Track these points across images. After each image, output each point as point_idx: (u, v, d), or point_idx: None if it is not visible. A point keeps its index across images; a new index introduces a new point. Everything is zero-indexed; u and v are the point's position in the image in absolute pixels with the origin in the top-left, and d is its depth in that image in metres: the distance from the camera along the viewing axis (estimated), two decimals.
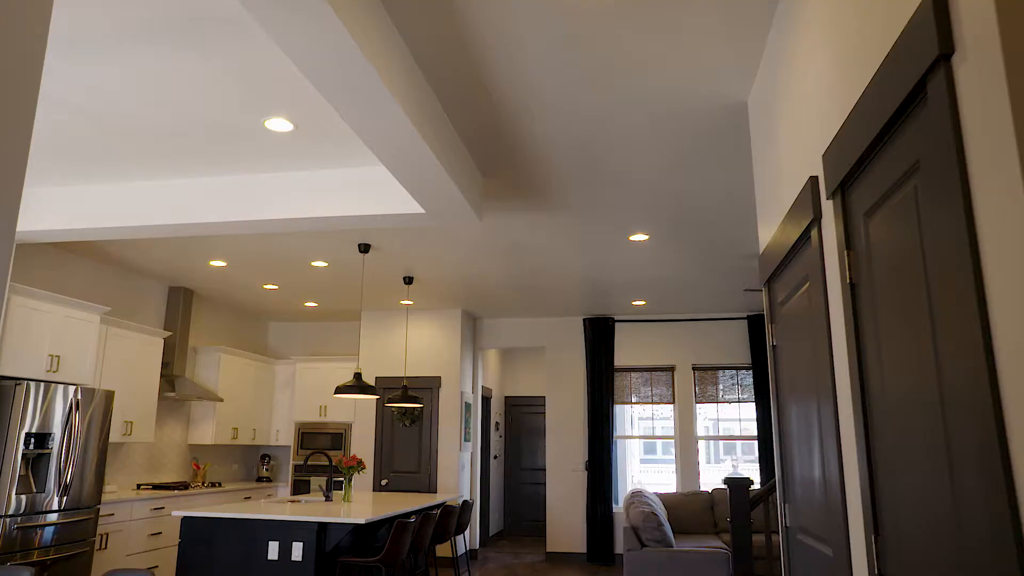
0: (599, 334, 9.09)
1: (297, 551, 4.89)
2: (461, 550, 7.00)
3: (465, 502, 6.86)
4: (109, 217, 4.79)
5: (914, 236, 1.53)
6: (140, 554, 6.32)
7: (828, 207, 2.16)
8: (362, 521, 4.81)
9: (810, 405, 2.45)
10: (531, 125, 3.85)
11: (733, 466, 11.76)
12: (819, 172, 2.25)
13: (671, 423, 9.14)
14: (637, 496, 6.62)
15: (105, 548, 5.94)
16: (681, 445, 8.87)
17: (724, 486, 9.34)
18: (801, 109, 2.46)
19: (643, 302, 8.39)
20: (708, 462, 10.90)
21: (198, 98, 3.61)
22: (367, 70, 2.72)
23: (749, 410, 9.02)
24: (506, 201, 5.04)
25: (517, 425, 11.49)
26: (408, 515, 5.56)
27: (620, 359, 9.14)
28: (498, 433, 11.04)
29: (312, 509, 5.32)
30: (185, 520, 5.16)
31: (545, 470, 10.89)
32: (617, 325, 9.23)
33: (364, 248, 6.14)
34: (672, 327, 9.12)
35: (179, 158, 4.40)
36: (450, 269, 6.93)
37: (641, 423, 10.04)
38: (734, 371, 9.01)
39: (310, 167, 4.52)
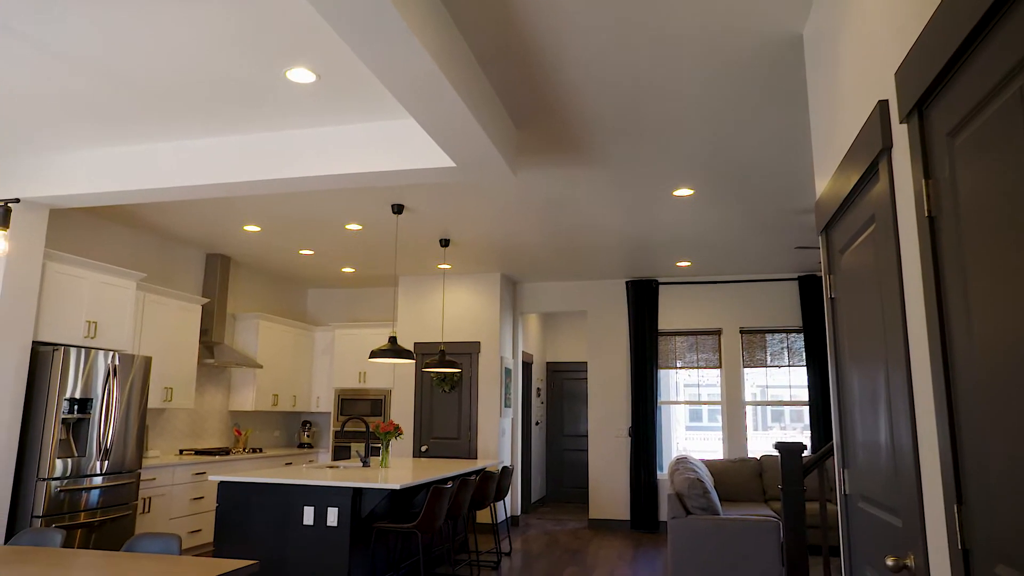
0: (642, 297, 8.82)
1: (332, 516, 4.82)
2: (502, 516, 6.90)
3: (504, 468, 6.74)
4: (134, 180, 4.70)
5: (1019, 149, 1.26)
6: (182, 518, 6.38)
7: (901, 132, 1.87)
8: (396, 487, 4.71)
9: (876, 363, 2.19)
10: (567, 72, 3.59)
11: (782, 431, 11.43)
12: (890, 94, 1.96)
13: (717, 389, 8.85)
14: (682, 462, 6.40)
15: (148, 511, 5.99)
16: (728, 411, 8.59)
17: (774, 452, 9.05)
18: (869, 24, 2.16)
19: (688, 263, 8.08)
20: (755, 429, 10.59)
21: (217, 49, 3.44)
22: (385, 7, 2.50)
23: (800, 375, 8.68)
24: (542, 155, 4.80)
25: (559, 391, 11.34)
26: (444, 481, 5.46)
27: (664, 323, 8.86)
28: (539, 399, 10.90)
29: (348, 475, 5.25)
30: (222, 485, 5.13)
31: (587, 436, 10.73)
32: (661, 288, 8.93)
33: (397, 209, 5.97)
34: (718, 289, 8.79)
35: (200, 115, 4.26)
36: (486, 230, 6.73)
37: (687, 390, 9.78)
38: (784, 334, 8.66)
39: (336, 122, 4.34)
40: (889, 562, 1.84)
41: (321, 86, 3.85)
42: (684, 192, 5.54)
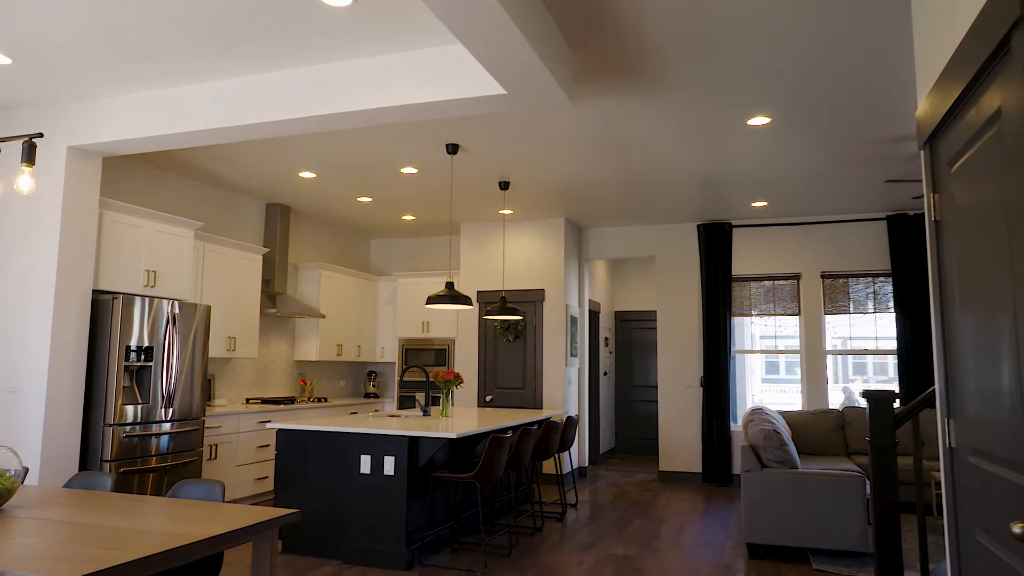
0: (715, 241, 8.33)
1: (389, 465, 4.71)
2: (569, 468, 6.72)
3: (570, 418, 6.52)
4: (178, 123, 4.57)
5: None
6: (248, 465, 6.45)
7: None
8: (453, 436, 4.55)
9: (999, 299, 1.80)
10: None
11: (864, 384, 10.82)
12: None
13: (796, 338, 8.35)
14: (757, 413, 6.03)
15: (215, 458, 6.07)
16: (807, 360, 8.10)
17: (859, 403, 8.53)
18: None
19: (764, 203, 7.54)
20: (835, 382, 10.03)
21: None
22: None
23: (887, 322, 8.07)
24: (601, 83, 4.41)
25: (628, 341, 11.01)
26: (504, 430, 5.28)
27: (738, 268, 8.37)
28: (608, 349, 10.61)
29: (406, 423, 5.13)
30: (280, 432, 5.10)
31: (657, 387, 10.41)
32: (735, 231, 8.41)
33: (452, 149, 5.70)
34: (798, 231, 8.21)
35: (241, 50, 4.05)
36: (547, 171, 6.39)
37: (763, 342, 9.29)
38: (869, 279, 8.04)
39: (375, 52, 4.06)
40: (1016, 529, 1.50)
41: (357, 10, 3.56)
42: (760, 121, 5.05)
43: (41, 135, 2.72)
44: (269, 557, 2.73)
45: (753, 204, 7.58)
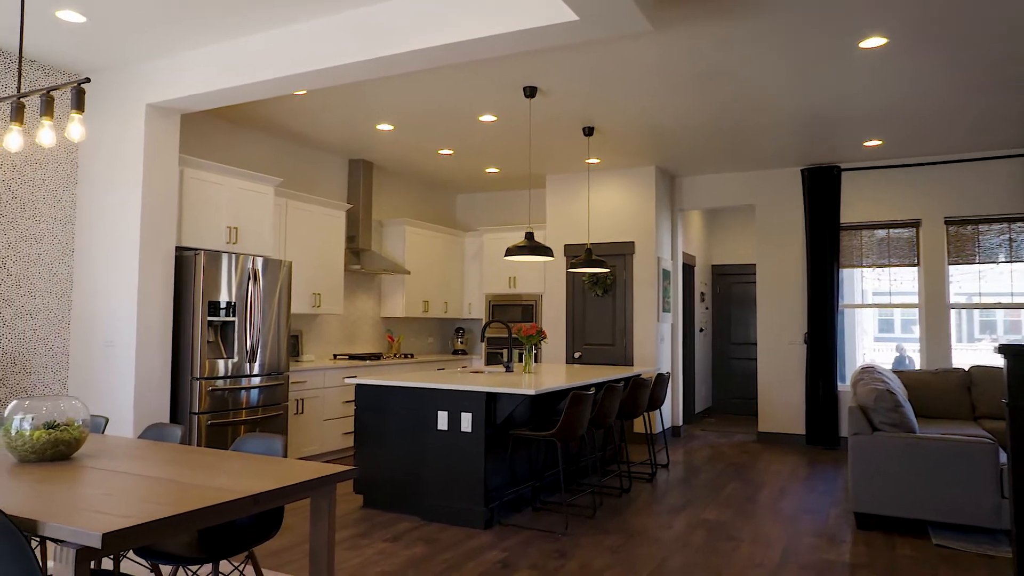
0: (821, 186, 7.66)
1: (466, 422, 4.57)
2: (661, 427, 6.42)
3: (660, 375, 6.19)
4: (244, 74, 4.48)
5: None
6: (334, 419, 6.51)
7: None
8: (531, 392, 4.34)
9: None
10: None
11: (993, 341, 9.82)
12: None
13: (914, 292, 7.61)
14: (868, 372, 5.49)
15: (302, 412, 6.14)
16: (928, 315, 7.37)
17: (994, 361, 7.68)
18: None
19: (878, 142, 6.81)
20: (959, 341, 9.14)
21: None
22: None
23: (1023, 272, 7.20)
24: (687, 6, 3.96)
25: (726, 296, 10.45)
26: (587, 388, 5.02)
27: (848, 215, 7.67)
28: (704, 304, 10.11)
29: (486, 380, 4.96)
30: (359, 388, 5.05)
31: (756, 344, 9.85)
32: (844, 175, 7.70)
33: (530, 92, 5.38)
34: (918, 173, 7.41)
35: None
36: (634, 114, 5.96)
37: (876, 298, 8.54)
38: (1004, 224, 7.18)
39: None
40: None
41: None
42: (874, 42, 4.45)
43: (88, 80, 2.63)
44: (327, 515, 2.62)
45: (866, 144, 6.86)
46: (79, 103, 2.71)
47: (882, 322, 11.80)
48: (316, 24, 4.25)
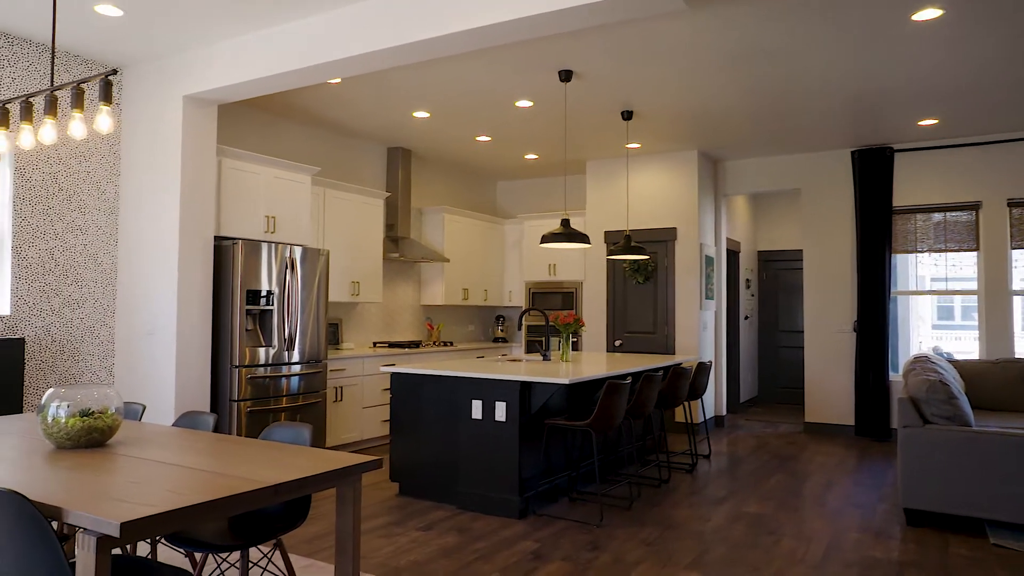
0: (872, 169, 7.36)
1: (500, 411, 4.52)
2: (703, 417, 6.28)
3: (701, 364, 6.04)
4: (279, 63, 4.48)
5: None
6: (373, 407, 6.54)
7: None
8: (565, 382, 4.27)
9: None
10: None
11: None
12: None
13: (974, 279, 7.27)
14: (921, 362, 5.26)
15: (341, 400, 6.19)
16: (988, 302, 7.03)
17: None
18: None
19: (934, 121, 6.49)
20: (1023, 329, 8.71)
21: None
22: None
23: None
24: None
25: (773, 282, 10.17)
26: (623, 377, 4.93)
27: (901, 198, 7.36)
28: (749, 291, 9.86)
29: (521, 368, 4.91)
30: (394, 376, 5.05)
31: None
32: (897, 156, 7.38)
33: (565, 76, 5.28)
34: (977, 152, 7.06)
35: None
36: (674, 96, 5.80)
37: (934, 284, 8.21)
38: None
39: None
40: None
41: None
42: (929, 14, 4.21)
43: (115, 71, 2.65)
44: (352, 504, 2.60)
45: (920, 123, 6.56)
46: (107, 95, 2.73)
47: (941, 309, 11.33)
48: (347, 11, 4.22)
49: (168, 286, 4.88)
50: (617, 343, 8.05)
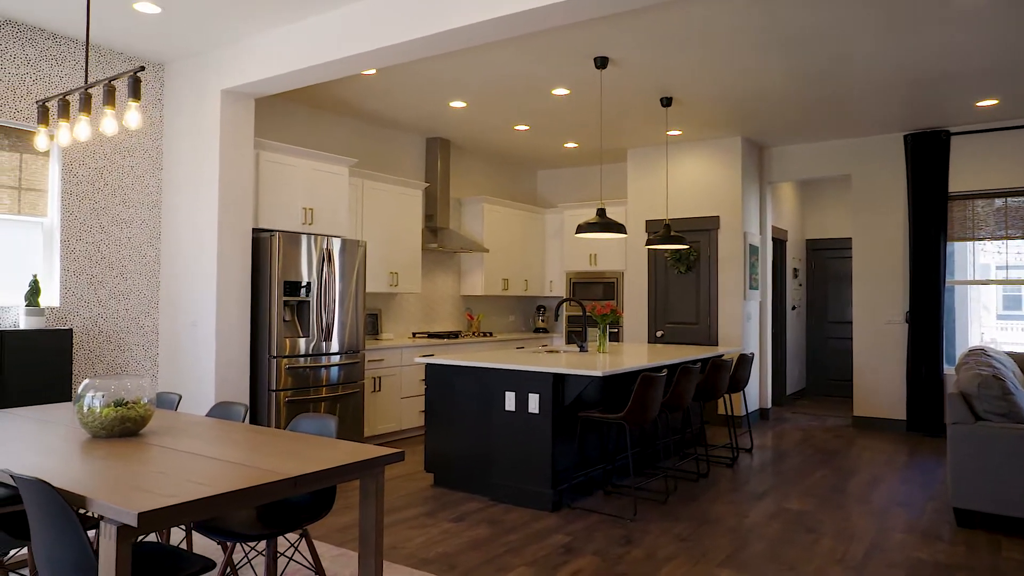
0: (926, 153, 7.05)
1: (533, 403, 4.49)
2: (745, 410, 6.14)
3: (743, 356, 5.91)
4: (312, 55, 4.50)
5: None
6: (411, 398, 6.58)
7: None
8: (598, 374, 4.21)
9: None
10: None
11: None
12: None
13: None
14: (976, 355, 5.04)
15: (379, 390, 6.24)
16: None
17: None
18: None
19: (993, 101, 6.18)
20: None
21: None
22: None
23: None
24: None
25: (821, 272, 9.88)
26: (659, 369, 4.84)
27: (958, 184, 7.03)
28: (796, 281, 9.60)
29: (556, 360, 4.87)
30: (428, 367, 5.06)
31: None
32: (953, 139, 7.05)
33: (600, 63, 5.18)
34: None
35: None
36: (715, 81, 5.65)
37: (998, 273, 7.84)
38: None
39: None
40: None
41: None
42: None
43: (143, 68, 2.69)
44: (375, 496, 2.61)
45: (978, 104, 6.25)
46: (136, 91, 2.77)
47: (1008, 299, 10.82)
48: (380, 1, 4.21)
49: (208, 278, 4.98)
50: (659, 334, 7.93)
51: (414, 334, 7.44)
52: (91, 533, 3.18)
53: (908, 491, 4.95)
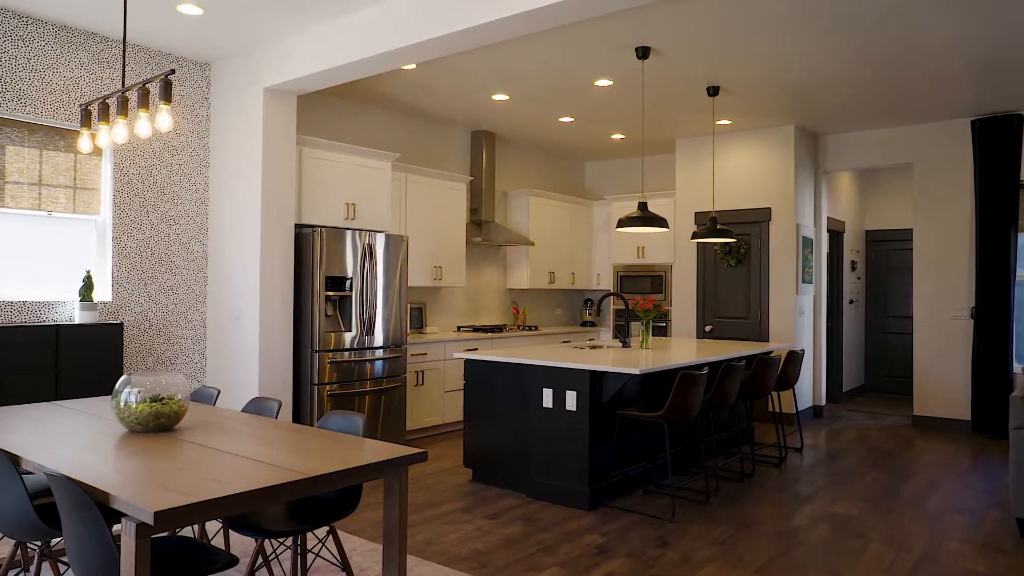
0: (996, 139, 6.67)
1: (571, 400, 4.44)
2: (795, 408, 5.93)
3: (792, 352, 5.72)
4: (352, 51, 4.52)
5: None
6: (454, 392, 6.60)
7: None
8: (636, 372, 4.12)
9: None
10: None
11: None
12: None
13: None
14: None
15: (422, 384, 6.28)
16: None
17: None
18: None
19: None
20: None
21: None
22: None
23: None
24: None
25: (882, 264, 9.49)
26: (700, 367, 4.71)
27: None
28: (855, 274, 9.25)
29: (595, 356, 4.79)
30: (467, 363, 5.05)
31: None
32: None
33: (642, 53, 5.06)
34: None
35: None
36: (765, 69, 5.45)
37: None
38: None
39: None
40: None
41: None
42: None
43: (173, 71, 2.73)
44: (399, 495, 2.60)
45: None
46: (167, 94, 2.82)
47: None
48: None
49: (251, 273, 5.08)
50: (707, 328, 7.75)
51: (458, 328, 7.45)
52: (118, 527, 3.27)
53: (968, 497, 4.71)
